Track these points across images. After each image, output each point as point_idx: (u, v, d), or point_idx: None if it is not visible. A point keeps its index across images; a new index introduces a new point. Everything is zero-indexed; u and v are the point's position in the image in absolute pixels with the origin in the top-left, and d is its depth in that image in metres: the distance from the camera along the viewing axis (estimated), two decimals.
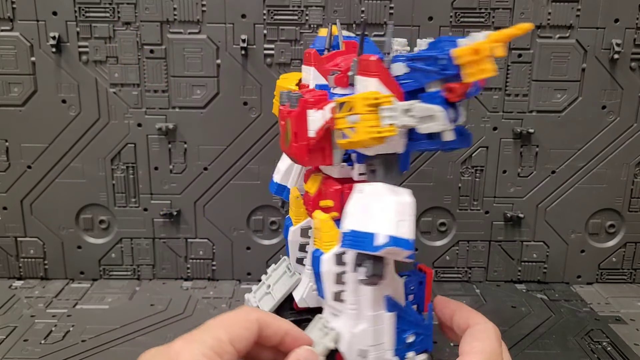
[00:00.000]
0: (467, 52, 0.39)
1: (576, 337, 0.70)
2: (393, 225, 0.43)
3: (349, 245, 0.45)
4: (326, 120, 0.47)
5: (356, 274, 0.46)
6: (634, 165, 0.82)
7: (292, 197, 0.58)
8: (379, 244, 0.43)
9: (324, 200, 0.52)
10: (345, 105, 0.44)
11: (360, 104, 0.43)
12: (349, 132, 0.44)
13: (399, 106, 0.43)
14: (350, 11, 0.76)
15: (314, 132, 0.48)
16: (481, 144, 0.81)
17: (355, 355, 0.48)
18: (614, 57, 0.78)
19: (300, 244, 0.59)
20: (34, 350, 0.66)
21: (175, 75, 0.79)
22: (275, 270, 0.63)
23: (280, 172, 0.62)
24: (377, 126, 0.43)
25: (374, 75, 0.45)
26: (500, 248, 0.85)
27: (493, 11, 0.77)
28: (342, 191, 0.51)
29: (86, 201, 0.83)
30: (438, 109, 0.42)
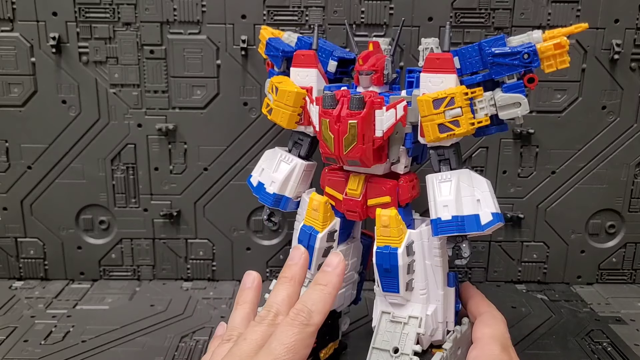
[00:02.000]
0: (551, 47, 0.49)
1: (576, 338, 0.70)
2: (493, 204, 0.51)
3: (456, 230, 0.50)
4: (398, 118, 0.52)
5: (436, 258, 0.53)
6: (634, 166, 0.82)
7: (319, 203, 0.56)
8: (485, 222, 0.50)
9: (376, 199, 0.55)
10: (445, 100, 0.49)
11: (460, 98, 0.49)
12: (451, 126, 0.50)
13: (486, 97, 0.51)
14: (350, 11, 0.77)
15: (383, 131, 0.51)
16: (481, 144, 0.81)
17: (428, 335, 0.54)
18: (614, 57, 0.78)
19: (325, 249, 0.57)
20: (34, 350, 0.66)
21: (175, 75, 0.79)
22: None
23: (278, 182, 0.60)
24: (473, 117, 0.50)
25: (452, 72, 0.51)
26: (500, 248, 0.85)
27: (493, 11, 0.77)
28: (397, 186, 0.55)
29: (86, 202, 0.83)
30: (522, 97, 0.50)
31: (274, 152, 0.62)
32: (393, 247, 0.52)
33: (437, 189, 0.52)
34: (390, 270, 0.52)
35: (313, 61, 0.58)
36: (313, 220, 0.57)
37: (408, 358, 0.52)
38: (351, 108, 0.50)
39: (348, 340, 0.69)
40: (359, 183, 0.56)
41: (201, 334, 0.70)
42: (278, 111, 0.58)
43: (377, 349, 0.53)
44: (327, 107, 0.51)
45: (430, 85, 0.52)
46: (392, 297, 0.54)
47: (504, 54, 0.50)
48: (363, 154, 0.50)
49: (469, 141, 0.81)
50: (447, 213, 0.51)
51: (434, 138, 0.51)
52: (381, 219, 0.52)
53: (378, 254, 0.52)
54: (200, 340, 0.69)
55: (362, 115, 0.49)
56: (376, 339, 0.54)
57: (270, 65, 0.64)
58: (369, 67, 0.55)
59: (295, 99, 0.57)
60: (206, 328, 0.72)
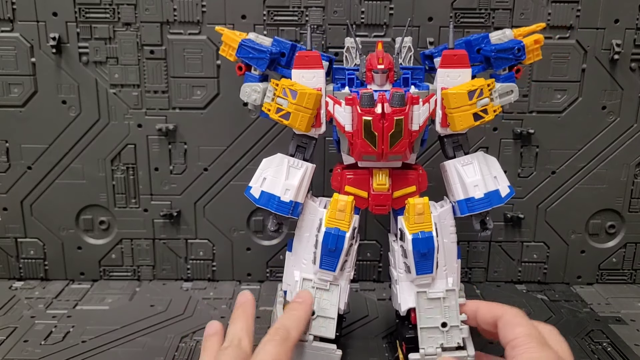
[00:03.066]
0: (532, 42, 0.58)
1: (576, 338, 0.70)
2: (506, 179, 0.60)
3: (488, 206, 0.58)
4: (430, 111, 0.58)
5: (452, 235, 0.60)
6: (634, 166, 0.82)
7: (347, 203, 0.58)
8: (504, 195, 0.59)
9: (403, 189, 0.59)
10: (477, 92, 0.55)
11: (486, 89, 0.56)
12: (482, 114, 0.56)
13: (497, 88, 0.58)
14: (350, 12, 0.77)
15: (419, 125, 0.57)
16: (481, 144, 0.81)
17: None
18: (614, 57, 0.78)
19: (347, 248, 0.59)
20: (34, 351, 0.66)
21: (176, 76, 0.79)
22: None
23: (293, 189, 0.59)
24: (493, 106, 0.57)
25: (468, 66, 0.57)
26: (500, 248, 0.85)
27: (493, 11, 0.77)
28: (418, 175, 0.60)
29: (86, 202, 0.83)
30: (515, 85, 0.59)
31: (278, 159, 0.61)
32: (427, 231, 0.57)
33: (462, 172, 0.59)
34: (427, 253, 0.57)
35: (319, 62, 0.58)
36: (338, 221, 0.58)
37: (458, 329, 0.57)
38: (394, 105, 0.54)
39: (348, 341, 0.69)
40: (386, 177, 0.59)
41: (201, 334, 0.70)
42: (297, 114, 0.57)
43: (425, 329, 0.57)
44: (365, 106, 0.54)
45: (448, 80, 0.57)
46: (424, 279, 0.58)
47: (504, 49, 0.57)
48: (400, 149, 0.55)
49: (468, 142, 0.81)
50: (479, 192, 0.58)
51: (466, 126, 0.57)
52: (416, 208, 0.57)
53: (415, 240, 0.56)
54: (200, 340, 0.69)
55: (406, 111, 0.54)
56: (421, 320, 0.57)
57: (245, 69, 0.61)
58: (387, 65, 0.57)
59: (316, 101, 0.57)
60: None
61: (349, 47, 0.64)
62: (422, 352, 0.57)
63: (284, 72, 0.61)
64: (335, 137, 0.62)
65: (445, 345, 0.57)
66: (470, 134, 0.80)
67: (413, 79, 0.60)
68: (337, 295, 0.59)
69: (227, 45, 0.61)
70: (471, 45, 0.59)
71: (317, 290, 0.59)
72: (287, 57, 0.61)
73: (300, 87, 0.57)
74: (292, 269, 0.62)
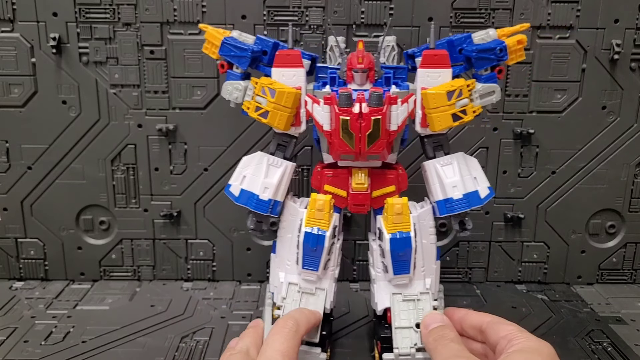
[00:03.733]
0: (514, 43, 0.57)
1: (577, 338, 0.70)
2: (486, 179, 0.59)
3: (466, 207, 0.58)
4: (409, 111, 0.57)
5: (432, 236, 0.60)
6: (634, 166, 0.82)
7: (325, 202, 0.58)
8: (484, 196, 0.58)
9: (382, 189, 0.59)
10: (455, 92, 0.55)
11: (465, 90, 0.56)
12: (461, 114, 0.56)
13: (477, 88, 0.57)
14: (350, 12, 0.77)
15: (397, 125, 0.55)
16: (481, 144, 0.81)
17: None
18: (614, 57, 0.78)
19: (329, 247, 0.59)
20: (34, 351, 0.66)
21: (176, 76, 0.79)
22: (286, 299, 0.60)
23: (272, 187, 0.60)
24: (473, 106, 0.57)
25: (449, 66, 0.57)
26: (500, 248, 0.85)
27: (493, 11, 0.77)
28: (398, 174, 0.60)
29: (86, 202, 0.83)
30: (497, 85, 0.58)
31: (258, 158, 0.61)
32: (405, 232, 0.57)
33: (442, 172, 0.58)
34: (405, 254, 0.57)
35: (299, 60, 0.58)
36: (317, 220, 0.58)
37: None
38: (371, 104, 0.53)
39: (348, 340, 0.69)
40: (365, 176, 0.58)
41: (201, 335, 0.70)
42: (275, 113, 0.57)
43: (400, 328, 0.57)
44: (343, 106, 0.53)
45: (428, 80, 0.57)
46: (401, 279, 0.59)
47: (485, 50, 0.57)
48: (382, 148, 0.54)
49: (469, 142, 0.81)
50: (458, 192, 0.57)
51: (445, 127, 0.56)
52: (395, 207, 0.57)
53: (393, 240, 0.57)
54: (200, 340, 0.69)
55: (384, 111, 0.53)
56: (395, 320, 0.58)
57: (228, 66, 0.61)
58: (367, 65, 0.56)
59: (294, 100, 0.57)
60: (206, 328, 0.72)
61: (332, 45, 0.64)
62: (396, 352, 0.57)
63: (266, 71, 0.61)
64: (315, 136, 0.62)
65: (418, 345, 0.57)
66: (471, 134, 0.81)
67: (395, 78, 0.60)
68: (322, 300, 0.59)
69: (210, 42, 0.61)
70: (453, 45, 0.59)
71: (304, 294, 0.59)
72: (269, 55, 0.61)
73: (279, 86, 0.57)
74: (277, 270, 0.62)
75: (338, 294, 0.63)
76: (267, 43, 0.61)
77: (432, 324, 0.55)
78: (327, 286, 0.60)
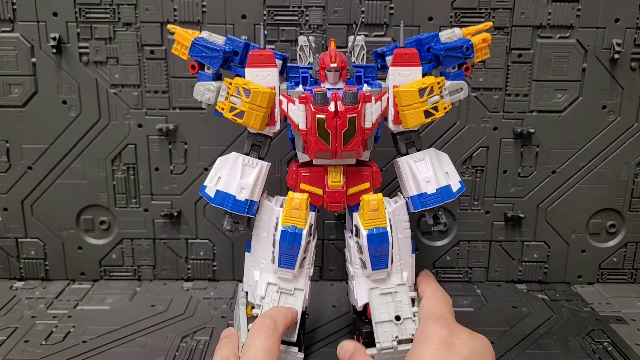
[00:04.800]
0: (480, 41, 0.59)
1: (577, 337, 0.70)
2: (458, 174, 0.61)
3: (440, 201, 0.59)
4: (383, 109, 0.58)
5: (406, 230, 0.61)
6: (635, 165, 0.82)
7: (301, 201, 0.58)
8: (456, 190, 0.60)
9: (357, 186, 0.60)
10: (427, 89, 0.56)
11: (436, 87, 0.57)
12: (432, 111, 0.57)
13: (447, 86, 0.59)
14: (350, 11, 0.77)
15: (372, 122, 0.56)
16: (482, 144, 0.81)
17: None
18: (615, 57, 0.77)
19: (305, 245, 0.59)
20: (34, 351, 0.66)
21: (176, 76, 0.79)
22: (265, 298, 0.60)
23: (248, 188, 0.59)
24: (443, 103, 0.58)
25: (419, 65, 0.58)
26: (500, 248, 0.85)
27: (493, 11, 0.77)
28: (372, 171, 0.61)
29: (87, 202, 0.83)
30: (465, 82, 0.60)
31: (233, 158, 0.61)
32: (381, 227, 0.58)
33: (415, 168, 0.60)
34: (382, 249, 0.58)
35: (272, 60, 0.59)
36: (294, 219, 0.59)
37: (411, 320, 0.58)
38: (346, 103, 0.54)
39: (347, 338, 0.69)
40: (340, 174, 0.59)
41: (202, 334, 0.70)
42: (251, 113, 0.57)
43: (380, 323, 0.58)
44: (319, 105, 0.53)
45: (400, 78, 0.58)
46: (379, 274, 0.60)
47: (453, 48, 0.58)
48: (353, 146, 0.55)
49: (469, 141, 0.81)
50: (431, 187, 0.59)
51: (417, 123, 0.58)
52: (370, 204, 0.58)
53: (370, 236, 0.58)
54: (201, 340, 0.69)
55: (359, 109, 0.54)
56: (375, 315, 0.58)
57: (199, 67, 0.61)
58: (339, 64, 0.57)
59: (269, 100, 0.57)
60: (207, 328, 0.72)
61: (302, 45, 0.64)
62: (378, 347, 0.57)
63: (237, 71, 0.61)
64: (289, 135, 0.62)
65: (400, 337, 0.58)
66: (471, 133, 0.81)
67: (366, 77, 0.61)
68: (301, 300, 0.60)
69: (180, 43, 0.60)
70: (421, 44, 0.60)
71: (282, 294, 0.60)
72: (240, 55, 0.61)
73: (253, 86, 0.57)
74: (251, 269, 0.63)
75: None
76: (238, 43, 0.61)
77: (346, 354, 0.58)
78: (302, 285, 0.61)
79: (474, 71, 0.78)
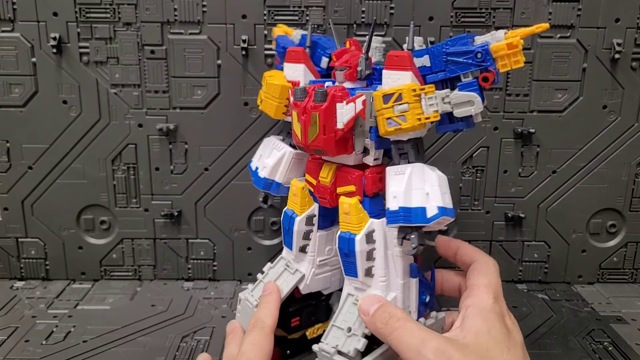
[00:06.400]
0: (504, 47, 0.49)
1: (577, 337, 0.70)
2: (440, 198, 0.51)
3: (402, 221, 0.51)
4: (357, 112, 0.53)
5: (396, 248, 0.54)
6: (635, 165, 0.82)
7: (297, 188, 0.61)
8: (431, 215, 0.50)
9: (343, 187, 0.57)
10: (394, 96, 0.51)
11: (408, 94, 0.50)
12: (398, 120, 0.51)
13: (439, 95, 0.51)
14: (350, 11, 0.77)
15: (344, 123, 0.52)
16: (482, 144, 0.81)
17: None
18: (615, 56, 0.77)
19: (305, 232, 0.62)
20: (35, 350, 0.66)
21: (176, 75, 0.79)
22: (273, 268, 0.65)
23: (268, 167, 0.64)
24: (422, 113, 0.51)
25: (408, 69, 0.52)
26: (501, 248, 0.85)
27: (494, 11, 0.77)
28: (362, 176, 0.56)
29: (87, 202, 0.83)
30: (475, 95, 0.50)
31: (269, 140, 0.67)
32: (353, 233, 0.55)
33: (391, 180, 0.54)
34: (349, 255, 0.55)
35: (301, 57, 0.61)
36: (293, 204, 0.62)
37: (357, 338, 0.54)
38: (315, 101, 0.53)
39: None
40: (329, 171, 0.59)
41: (202, 334, 0.71)
42: (267, 102, 0.62)
43: (336, 327, 0.57)
44: (297, 100, 0.54)
45: (390, 82, 0.54)
46: (354, 282, 0.57)
47: (458, 53, 0.51)
48: (324, 144, 0.53)
49: (469, 141, 0.81)
50: (395, 204, 0.52)
51: (384, 131, 0.53)
52: (343, 207, 0.56)
53: (339, 238, 0.56)
54: (201, 340, 0.69)
55: (323, 107, 0.52)
56: (337, 317, 0.57)
57: (278, 61, 0.68)
58: (341, 63, 0.57)
59: (281, 92, 0.61)
60: (207, 328, 0.72)
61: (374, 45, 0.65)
62: (320, 345, 0.56)
63: None
64: None
65: (339, 348, 0.54)
66: (471, 133, 0.80)
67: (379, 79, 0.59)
68: (294, 281, 0.62)
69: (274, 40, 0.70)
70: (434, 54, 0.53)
71: (286, 270, 0.64)
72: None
73: (269, 79, 0.62)
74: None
75: None
76: (288, 41, 0.67)
77: (371, 307, 0.52)
78: (304, 269, 0.62)
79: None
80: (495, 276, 0.55)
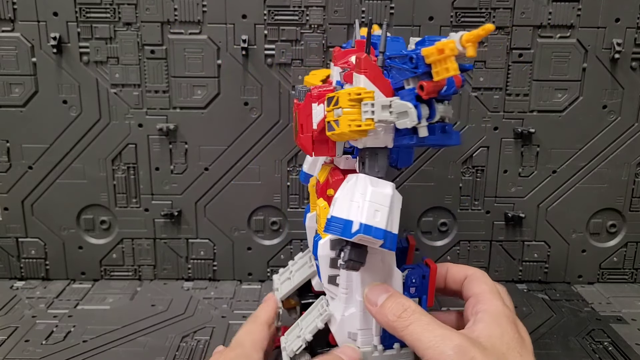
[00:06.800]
0: (433, 52, 0.41)
1: (577, 337, 0.70)
2: (367, 214, 0.46)
3: (331, 231, 0.46)
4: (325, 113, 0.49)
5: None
6: (635, 165, 0.82)
7: (311, 185, 0.61)
8: (354, 230, 0.45)
9: (329, 189, 0.55)
10: (333, 99, 0.46)
11: (343, 99, 0.45)
12: (334, 125, 0.46)
13: (378, 102, 0.45)
14: (350, 11, 0.76)
15: (316, 124, 0.50)
16: (482, 143, 0.81)
17: (345, 337, 0.51)
18: (615, 56, 0.77)
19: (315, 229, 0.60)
20: (35, 350, 0.66)
21: (176, 75, 0.79)
22: (302, 258, 0.66)
23: (308, 162, 0.64)
24: (358, 120, 0.45)
25: (362, 72, 0.46)
26: (501, 248, 0.85)
27: (494, 11, 0.77)
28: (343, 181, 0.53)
29: (87, 202, 0.83)
30: (410, 105, 0.44)
31: None
32: (322, 237, 0.52)
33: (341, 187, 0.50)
34: (316, 258, 0.53)
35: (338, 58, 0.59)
36: (311, 200, 0.61)
37: (301, 340, 0.53)
38: (299, 100, 0.53)
39: None
40: (325, 171, 0.58)
41: (202, 334, 0.71)
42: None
43: (299, 324, 0.57)
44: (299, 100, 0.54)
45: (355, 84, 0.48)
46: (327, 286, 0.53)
47: (396, 57, 0.46)
48: (302, 142, 0.53)
49: (469, 141, 0.81)
50: (332, 212, 0.48)
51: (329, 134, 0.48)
52: (316, 208, 0.55)
53: (315, 239, 0.54)
54: (201, 340, 0.69)
55: (300, 106, 0.52)
56: (306, 316, 0.56)
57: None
58: (342, 64, 0.56)
59: None
60: (207, 328, 0.72)
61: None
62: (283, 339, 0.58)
63: None
64: None
65: (284, 344, 0.55)
66: (471, 133, 0.81)
67: None
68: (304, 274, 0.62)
69: None
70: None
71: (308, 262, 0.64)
72: None
73: (309, 78, 0.61)
74: None
75: None
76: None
77: (379, 297, 0.48)
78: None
79: (475, 71, 0.78)
80: (492, 283, 0.54)
